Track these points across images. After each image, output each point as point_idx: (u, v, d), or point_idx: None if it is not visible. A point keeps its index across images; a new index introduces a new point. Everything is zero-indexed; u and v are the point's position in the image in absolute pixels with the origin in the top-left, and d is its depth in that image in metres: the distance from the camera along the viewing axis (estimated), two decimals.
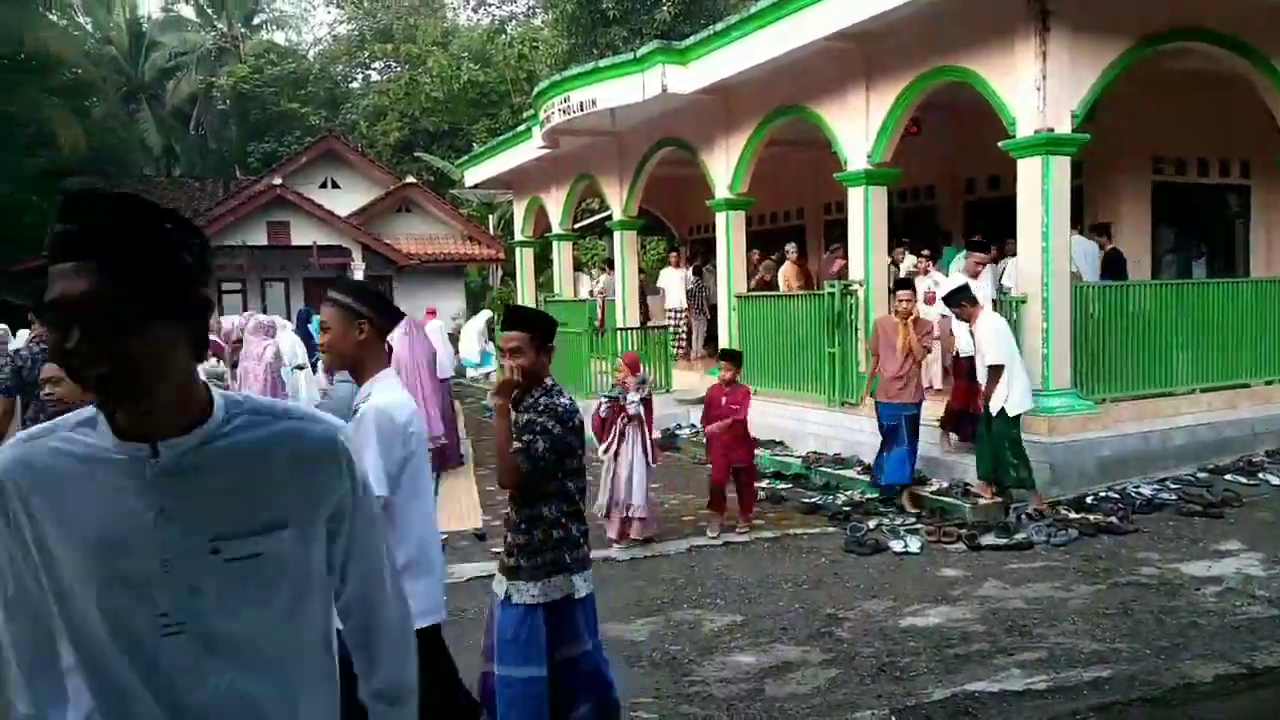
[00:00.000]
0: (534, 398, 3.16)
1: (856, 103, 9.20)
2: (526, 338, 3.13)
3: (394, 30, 36.17)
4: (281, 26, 42.47)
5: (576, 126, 12.52)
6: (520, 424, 3.11)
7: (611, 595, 5.63)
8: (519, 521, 3.15)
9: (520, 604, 3.11)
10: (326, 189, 23.41)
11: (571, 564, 3.17)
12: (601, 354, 12.33)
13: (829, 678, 4.27)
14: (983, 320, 6.82)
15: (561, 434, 3.09)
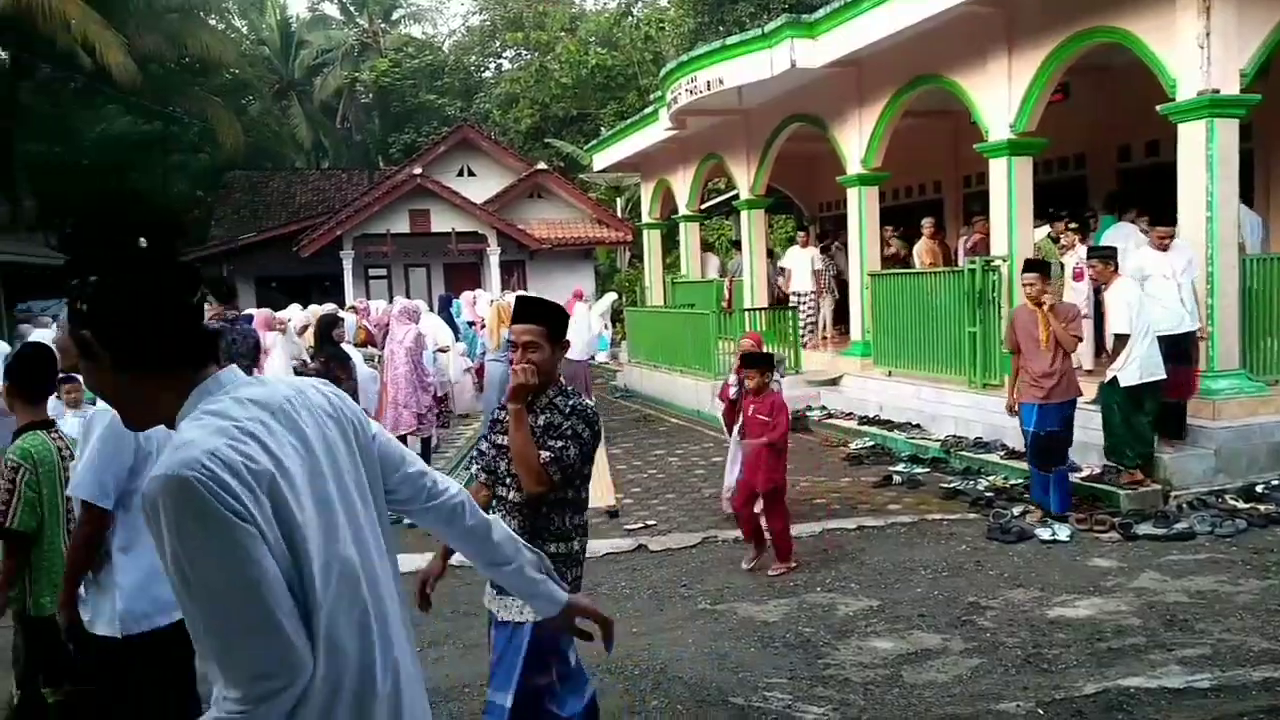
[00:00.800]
0: (549, 398, 2.90)
1: (998, 69, 8.78)
2: (543, 331, 2.85)
3: (524, 18, 36.91)
4: (418, 20, 44.12)
5: (703, 106, 12.47)
6: (540, 428, 2.84)
7: (743, 576, 5.67)
8: (520, 532, 2.80)
9: (509, 622, 2.85)
10: (463, 177, 24.21)
11: (569, 583, 2.80)
12: (729, 335, 12.31)
13: (971, 667, 4.17)
14: (1116, 287, 6.47)
15: (591, 439, 2.88)
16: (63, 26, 18.99)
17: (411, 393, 8.69)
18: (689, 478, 8.43)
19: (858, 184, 11.13)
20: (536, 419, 2.84)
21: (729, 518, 6.93)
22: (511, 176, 24.29)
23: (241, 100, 33.64)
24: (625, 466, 9.05)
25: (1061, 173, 11.92)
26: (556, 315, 2.92)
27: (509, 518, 2.88)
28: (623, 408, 13.25)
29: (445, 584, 5.68)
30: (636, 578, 5.77)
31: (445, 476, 1.78)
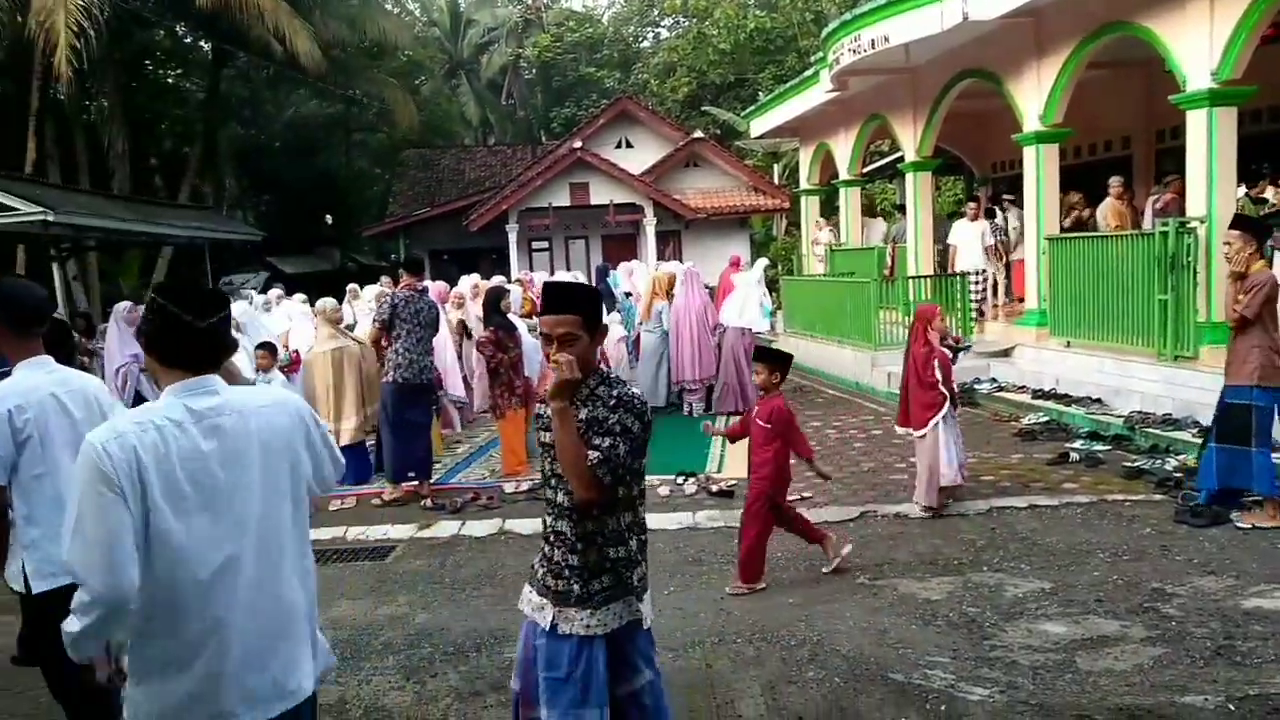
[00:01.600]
0: (590, 388, 2.61)
1: (1198, 10, 7.99)
2: (578, 320, 2.57)
3: None
4: None
5: (867, 66, 12.05)
6: (583, 422, 2.56)
7: (905, 551, 5.54)
8: (575, 538, 2.61)
9: (573, 635, 2.60)
10: (621, 149, 24.49)
11: (635, 585, 2.66)
12: (891, 304, 11.93)
13: (1153, 656, 3.92)
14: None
15: (641, 433, 2.59)
16: (257, 18, 20.51)
17: None
18: (848, 450, 8.28)
19: (1035, 142, 10.47)
20: (578, 413, 2.57)
21: (888, 493, 6.79)
22: (668, 146, 24.35)
23: (415, 81, 35.34)
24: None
25: (1272, 124, 10.75)
26: (591, 301, 2.66)
27: (559, 521, 2.65)
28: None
29: None
30: (792, 549, 5.74)
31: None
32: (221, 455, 2.03)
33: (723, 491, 7.09)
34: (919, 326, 6.38)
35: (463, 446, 9.40)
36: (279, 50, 21.66)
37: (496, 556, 5.97)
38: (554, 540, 2.67)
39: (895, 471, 7.38)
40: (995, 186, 16.29)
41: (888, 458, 7.88)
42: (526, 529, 6.39)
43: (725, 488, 7.17)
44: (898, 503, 6.49)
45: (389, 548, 6.26)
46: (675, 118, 29.30)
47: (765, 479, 5.16)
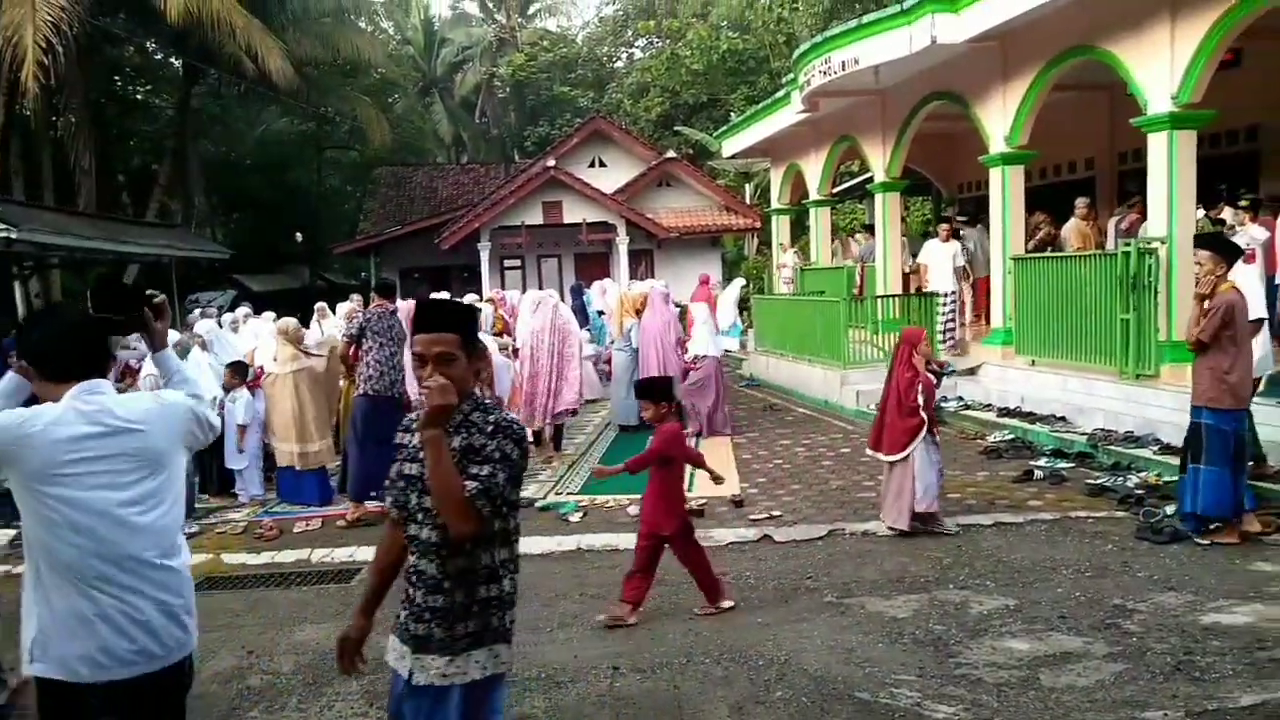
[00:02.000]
0: (464, 414, 2.43)
1: (1159, 36, 8.19)
2: (456, 340, 2.41)
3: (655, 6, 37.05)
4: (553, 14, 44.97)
5: (838, 88, 12.20)
6: (458, 451, 2.38)
7: (872, 569, 5.56)
8: (441, 576, 2.39)
9: (430, 686, 2.38)
10: (594, 168, 24.60)
11: (505, 630, 2.47)
12: (860, 323, 12.03)
13: (1115, 672, 3.95)
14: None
15: (520, 460, 2.43)
16: (229, 35, 20.40)
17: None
18: (816, 469, 8.31)
19: (1001, 163, 10.65)
20: (451, 440, 2.38)
21: (855, 511, 6.81)
22: (641, 165, 24.50)
23: (388, 98, 35.27)
24: (750, 456, 9.01)
25: (1231, 147, 11.01)
26: (469, 321, 2.50)
27: (424, 559, 2.42)
28: (749, 396, 13.17)
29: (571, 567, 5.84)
30: (761, 568, 5.75)
31: None
32: None
33: (693, 511, 7.04)
34: (904, 350, 6.25)
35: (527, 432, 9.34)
36: (251, 67, 21.54)
37: None
38: (416, 580, 2.44)
39: (863, 489, 7.42)
40: (962, 206, 16.52)
41: (856, 475, 7.92)
42: None
43: (696, 507, 7.14)
44: (865, 520, 6.51)
45: (354, 570, 6.18)
46: (648, 137, 29.48)
47: (668, 519, 4.95)
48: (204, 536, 7.08)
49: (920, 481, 6.05)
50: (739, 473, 8.28)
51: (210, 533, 7.20)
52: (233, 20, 20.14)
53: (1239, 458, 5.60)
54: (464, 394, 2.43)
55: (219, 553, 6.64)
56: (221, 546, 6.81)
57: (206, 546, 6.78)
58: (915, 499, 6.07)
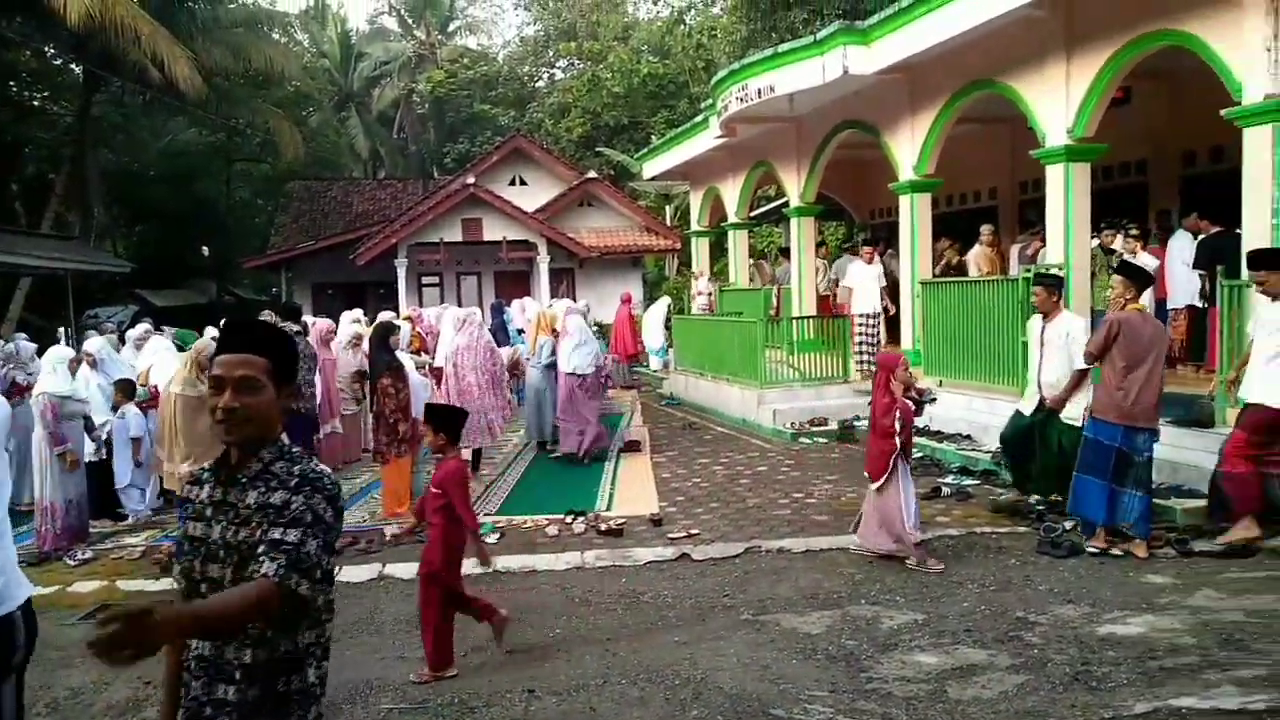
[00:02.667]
0: (265, 463, 2.03)
1: (1056, 74, 8.63)
2: (265, 365, 2.03)
3: (577, 28, 37.30)
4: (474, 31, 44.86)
5: (754, 114, 12.47)
6: (252, 509, 1.98)
7: (787, 586, 5.63)
8: (234, 666, 1.97)
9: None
10: (515, 186, 24.54)
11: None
12: (777, 343, 12.25)
13: (1017, 683, 4.09)
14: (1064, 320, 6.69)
15: (334, 522, 2.04)
16: (133, 42, 19.68)
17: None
18: (734, 487, 8.39)
19: (910, 191, 11.02)
20: (244, 495, 2.00)
21: (772, 528, 6.90)
22: (562, 185, 24.54)
23: (302, 111, 34.54)
24: (670, 475, 9.06)
25: (1122, 179, 11.64)
26: (283, 347, 2.09)
27: (209, 644, 2.00)
28: (669, 415, 13.25)
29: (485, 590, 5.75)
30: (679, 586, 5.76)
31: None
32: None
33: (612, 530, 7.05)
34: (882, 376, 6.03)
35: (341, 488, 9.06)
36: (157, 75, 20.82)
37: (374, 603, 5.76)
38: (199, 669, 2.00)
39: (779, 507, 7.52)
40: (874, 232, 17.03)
41: (772, 493, 8.02)
42: (408, 573, 6.21)
43: (615, 526, 7.14)
44: (781, 538, 6.60)
45: None
46: (570, 157, 29.57)
47: (435, 559, 4.53)
48: (99, 563, 6.74)
49: (907, 510, 5.78)
50: (658, 491, 8.30)
51: (105, 559, 6.86)
52: (137, 26, 19.46)
53: (1119, 473, 5.75)
54: (266, 438, 2.04)
55: (114, 579, 6.32)
56: (117, 573, 6.48)
57: (101, 573, 6.45)
58: (906, 526, 5.77)
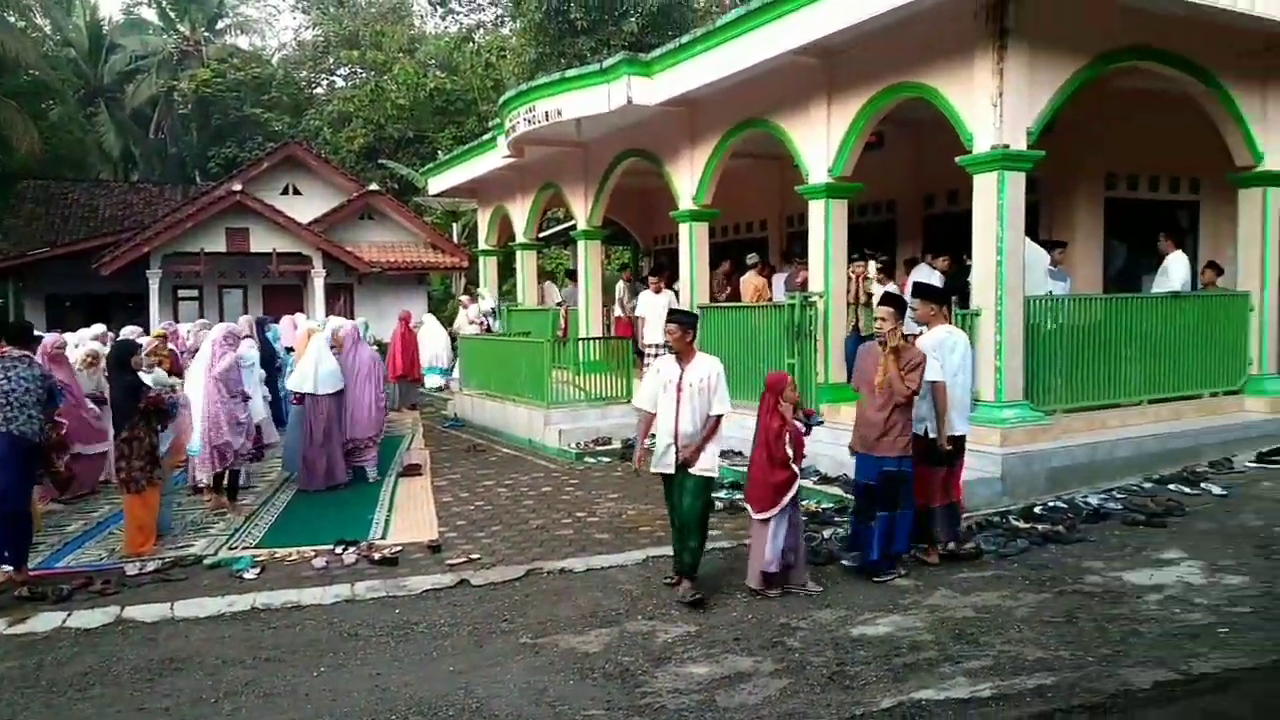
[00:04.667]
0: None
1: (818, 117, 9.31)
2: None
3: (360, 37, 36.00)
4: (245, 31, 42.14)
5: (542, 136, 12.53)
6: None
7: (568, 606, 5.62)
8: None
9: None
10: (288, 195, 23.20)
11: None
12: (563, 364, 12.32)
13: (779, 688, 4.29)
14: (938, 332, 6.27)
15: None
16: None
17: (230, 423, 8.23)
18: (518, 509, 8.31)
19: (689, 220, 11.47)
20: None
21: (554, 549, 6.89)
22: (341, 197, 23.50)
23: (41, 104, 30.92)
24: (451, 499, 8.83)
25: (875, 217, 12.74)
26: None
27: None
28: (452, 438, 12.95)
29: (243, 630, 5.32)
30: (457, 614, 5.60)
31: None
32: None
33: (386, 559, 6.75)
34: (769, 399, 5.71)
35: (75, 523, 8.09)
36: None
37: (110, 650, 5.16)
38: None
39: (562, 528, 7.53)
40: (656, 258, 17.60)
41: (556, 514, 8.02)
42: (151, 615, 5.63)
43: (389, 555, 6.84)
44: (563, 558, 6.60)
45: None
46: (350, 169, 28.41)
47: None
48: None
49: (772, 543, 5.54)
50: (438, 516, 8.06)
51: None
52: None
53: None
54: None
55: None
56: None
57: None
58: (764, 560, 5.56)
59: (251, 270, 21.80)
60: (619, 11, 25.29)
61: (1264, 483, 7.64)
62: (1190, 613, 4.96)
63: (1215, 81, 8.65)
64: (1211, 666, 4.24)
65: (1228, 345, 9.15)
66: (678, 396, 5.64)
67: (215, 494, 8.43)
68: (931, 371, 5.91)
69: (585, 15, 24.95)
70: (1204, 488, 7.52)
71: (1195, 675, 4.16)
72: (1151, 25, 7.95)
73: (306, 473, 9.27)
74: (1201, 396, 8.99)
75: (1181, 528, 6.59)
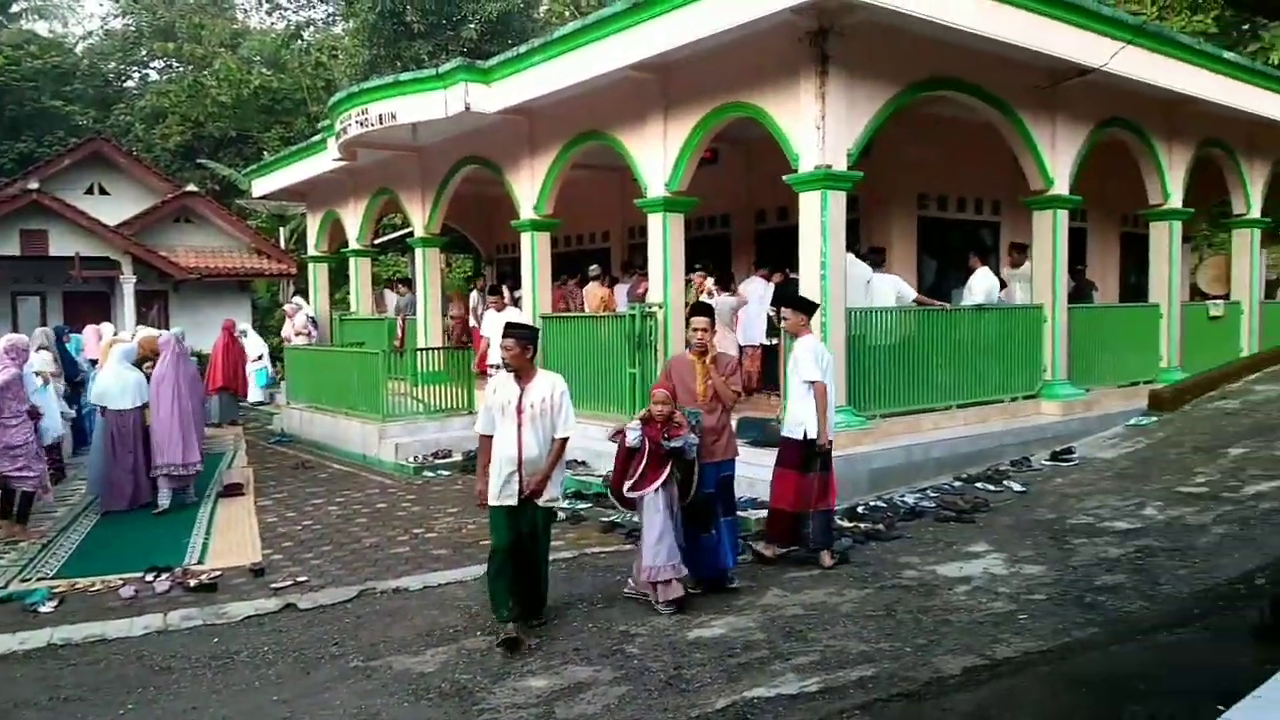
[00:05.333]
0: None
1: (655, 132, 9.50)
2: None
3: (177, 29, 33.76)
4: (44, 16, 38.65)
5: (375, 140, 12.15)
6: None
7: (402, 627, 5.45)
8: None
9: None
10: (93, 195, 21.37)
11: None
12: (400, 375, 11.96)
13: (618, 695, 4.32)
14: (809, 340, 6.36)
15: None
16: None
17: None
18: (350, 527, 7.98)
19: (531, 229, 11.42)
20: None
21: (389, 568, 6.66)
22: (155, 198, 21.85)
23: None
24: (276, 519, 8.38)
25: (711, 230, 13.13)
26: None
27: None
28: (279, 454, 12.30)
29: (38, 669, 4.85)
30: (282, 640, 5.31)
31: None
32: None
33: (204, 585, 6.33)
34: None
35: None
36: None
37: None
38: None
39: (397, 545, 7.30)
40: (500, 267, 17.44)
41: (391, 531, 7.76)
42: None
43: (207, 580, 6.41)
44: (398, 577, 6.39)
45: None
46: (165, 168, 26.54)
47: None
48: None
49: (647, 545, 5.45)
50: (262, 538, 7.63)
51: None
52: None
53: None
54: None
55: None
56: None
57: None
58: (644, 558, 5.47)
59: (51, 275, 19.92)
60: (458, 17, 24.92)
61: (1057, 479, 8.39)
62: (994, 601, 5.38)
63: (1011, 111, 9.46)
64: (1012, 651, 4.60)
65: (1026, 354, 10.01)
66: (519, 419, 5.19)
67: (5, 521, 7.62)
68: (811, 372, 6.14)
69: (422, 19, 24.43)
70: (1006, 485, 8.19)
71: (998, 660, 4.50)
72: (955, 58, 8.61)
73: (111, 493, 8.55)
74: (1004, 401, 9.78)
75: (987, 522, 7.14)
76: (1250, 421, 8.86)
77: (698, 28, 7.95)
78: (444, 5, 24.56)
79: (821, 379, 6.20)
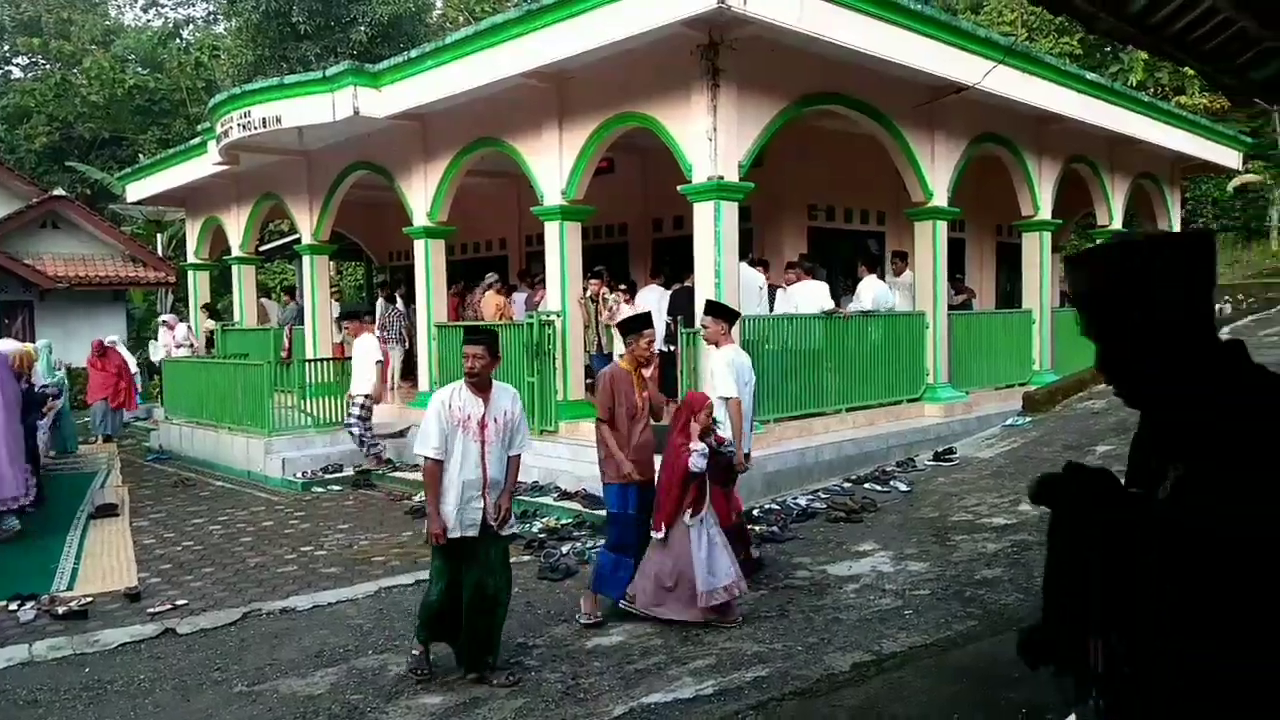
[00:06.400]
0: None
1: (551, 140, 9.49)
2: None
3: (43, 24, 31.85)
4: None
5: (259, 143, 11.74)
6: None
7: (290, 648, 5.26)
8: None
9: None
10: None
11: None
12: (287, 387, 11.54)
13: (515, 708, 4.28)
14: (728, 351, 6.23)
15: None
16: None
17: None
18: (234, 547, 7.65)
19: (424, 236, 11.23)
20: None
21: (275, 588, 6.42)
22: (19, 202, 20.49)
23: None
24: (154, 540, 7.96)
25: (609, 239, 13.18)
26: None
27: None
28: (157, 471, 11.70)
29: None
30: (160, 667, 5.05)
31: None
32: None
33: (73, 612, 5.95)
34: (683, 415, 5.43)
35: None
36: None
37: None
38: None
39: (285, 564, 7.04)
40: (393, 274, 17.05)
41: (278, 549, 7.49)
42: None
43: (77, 607, 6.04)
44: (285, 597, 6.16)
45: None
46: (30, 171, 24.94)
47: None
48: None
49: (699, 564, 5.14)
50: (138, 560, 7.24)
51: None
52: None
53: None
54: None
55: None
56: None
57: None
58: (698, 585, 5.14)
59: None
60: (347, 19, 24.32)
61: (939, 479, 8.75)
62: (882, 598, 5.57)
63: (894, 126, 9.85)
64: (899, 646, 4.77)
65: (910, 359, 10.41)
66: (482, 437, 4.60)
67: None
68: (726, 387, 5.96)
69: (309, 20, 23.74)
70: (892, 485, 8.49)
71: (885, 654, 4.66)
72: (841, 74, 8.91)
73: None
74: (890, 404, 10.15)
75: (875, 522, 7.39)
76: (1115, 419, 9.43)
77: (590, 38, 7.99)
78: (332, 6, 23.94)
79: (736, 394, 6.01)
